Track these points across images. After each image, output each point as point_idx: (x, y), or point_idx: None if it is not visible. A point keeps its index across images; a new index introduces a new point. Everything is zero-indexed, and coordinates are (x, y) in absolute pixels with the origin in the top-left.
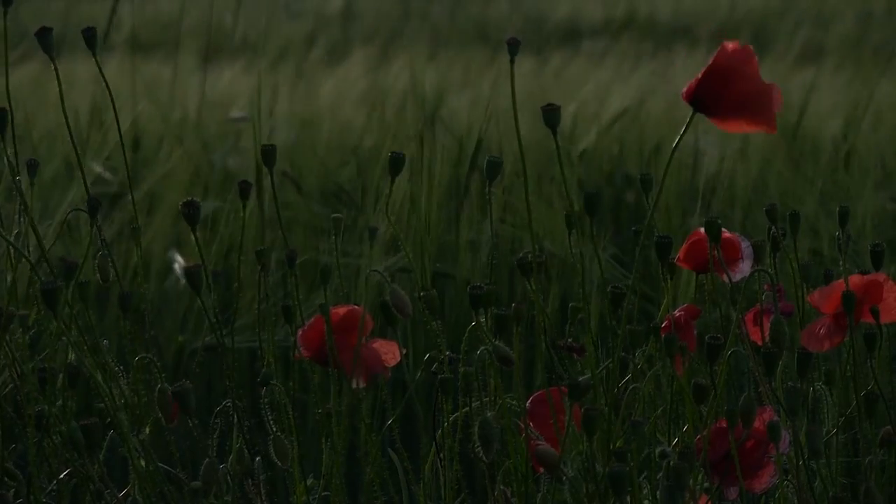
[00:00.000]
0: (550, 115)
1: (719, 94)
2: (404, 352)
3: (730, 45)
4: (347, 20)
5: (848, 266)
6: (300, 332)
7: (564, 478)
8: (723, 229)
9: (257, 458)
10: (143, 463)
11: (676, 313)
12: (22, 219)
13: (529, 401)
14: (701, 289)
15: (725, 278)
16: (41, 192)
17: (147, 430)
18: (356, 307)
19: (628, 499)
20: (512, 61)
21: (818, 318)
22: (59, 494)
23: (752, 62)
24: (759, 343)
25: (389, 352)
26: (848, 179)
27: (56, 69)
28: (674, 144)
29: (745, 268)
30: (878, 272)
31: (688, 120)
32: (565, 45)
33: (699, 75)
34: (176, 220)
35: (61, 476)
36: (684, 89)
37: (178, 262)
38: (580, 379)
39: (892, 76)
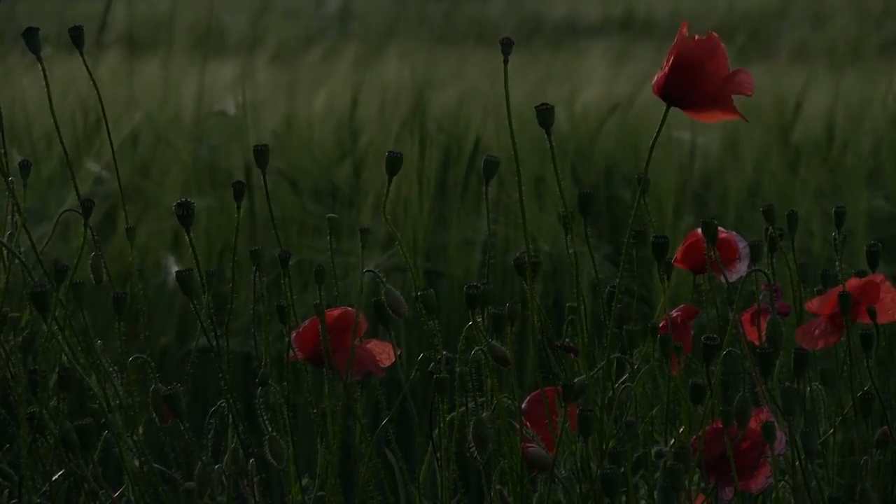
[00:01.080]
0: (544, 114)
1: (689, 87)
2: (399, 352)
3: (686, 33)
4: (344, 19)
5: (843, 266)
6: (295, 334)
7: (557, 479)
8: (721, 229)
9: (251, 459)
10: (137, 463)
11: (674, 313)
12: (15, 219)
13: (526, 401)
14: (698, 289)
15: (722, 279)
16: (40, 192)
17: (141, 430)
18: (350, 308)
19: (623, 499)
20: (505, 61)
21: (815, 318)
22: (52, 495)
23: (719, 52)
24: (757, 343)
25: (384, 352)
26: (842, 179)
27: (43, 69)
28: (652, 141)
29: (742, 268)
30: (875, 272)
31: (663, 114)
32: (563, 44)
33: (666, 69)
34: (170, 219)
35: (56, 477)
36: (653, 82)
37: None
38: (575, 380)
39: (888, 76)
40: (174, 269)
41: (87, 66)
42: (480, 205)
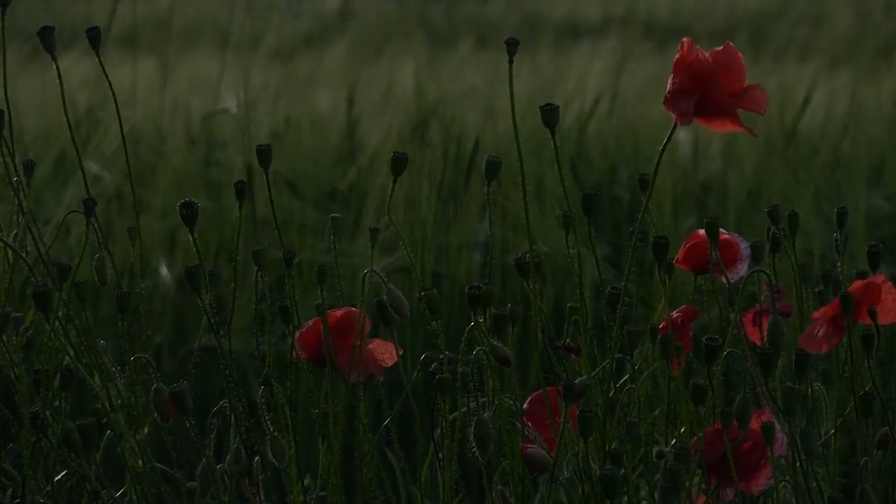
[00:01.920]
0: (548, 114)
1: (699, 98)
2: (401, 352)
3: (688, 48)
4: (345, 19)
5: (844, 267)
6: (298, 334)
7: (559, 480)
8: (722, 230)
9: (255, 459)
10: (139, 463)
11: (674, 314)
12: (19, 220)
13: (528, 401)
14: (699, 290)
15: (724, 279)
16: (35, 193)
17: (146, 430)
18: (353, 309)
19: (624, 499)
20: (511, 61)
21: (816, 321)
22: (55, 495)
23: (736, 64)
24: (759, 343)
25: (386, 351)
26: (842, 179)
27: (58, 69)
28: (663, 144)
29: (742, 269)
30: (876, 273)
31: (673, 122)
32: (564, 43)
33: (676, 83)
34: (168, 219)
35: (58, 477)
36: (665, 95)
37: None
38: (576, 380)
39: (888, 76)
40: (165, 270)
41: (103, 68)
42: (480, 206)
